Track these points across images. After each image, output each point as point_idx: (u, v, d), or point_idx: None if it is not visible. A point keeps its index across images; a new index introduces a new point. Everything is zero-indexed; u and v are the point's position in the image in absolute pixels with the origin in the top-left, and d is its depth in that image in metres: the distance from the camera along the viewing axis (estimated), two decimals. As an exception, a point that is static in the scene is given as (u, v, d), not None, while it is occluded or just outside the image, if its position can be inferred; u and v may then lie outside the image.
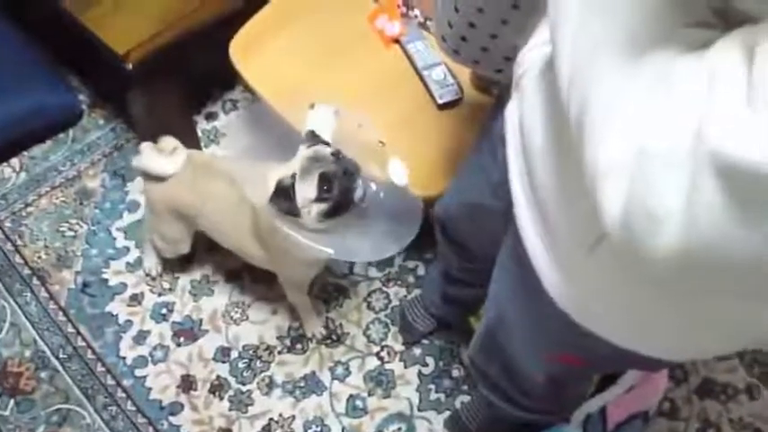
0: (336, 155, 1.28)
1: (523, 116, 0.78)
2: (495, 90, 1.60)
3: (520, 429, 1.31)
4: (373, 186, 1.34)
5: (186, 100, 1.95)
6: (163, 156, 1.52)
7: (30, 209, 1.87)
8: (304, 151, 1.29)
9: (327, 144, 1.32)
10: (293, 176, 1.25)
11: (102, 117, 2.04)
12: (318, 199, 1.25)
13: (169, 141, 1.53)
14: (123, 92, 1.79)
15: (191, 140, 1.84)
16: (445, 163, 1.54)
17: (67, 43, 1.86)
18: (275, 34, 1.69)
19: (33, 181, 1.92)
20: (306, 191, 1.25)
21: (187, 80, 1.85)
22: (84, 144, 1.99)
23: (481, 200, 1.08)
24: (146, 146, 1.52)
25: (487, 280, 1.53)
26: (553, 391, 1.10)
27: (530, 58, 0.79)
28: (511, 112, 0.83)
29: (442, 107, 1.60)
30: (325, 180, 1.24)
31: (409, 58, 1.67)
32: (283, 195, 1.24)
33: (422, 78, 1.63)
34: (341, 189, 1.25)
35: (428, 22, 1.71)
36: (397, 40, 1.69)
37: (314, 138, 1.33)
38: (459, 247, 1.35)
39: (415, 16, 1.72)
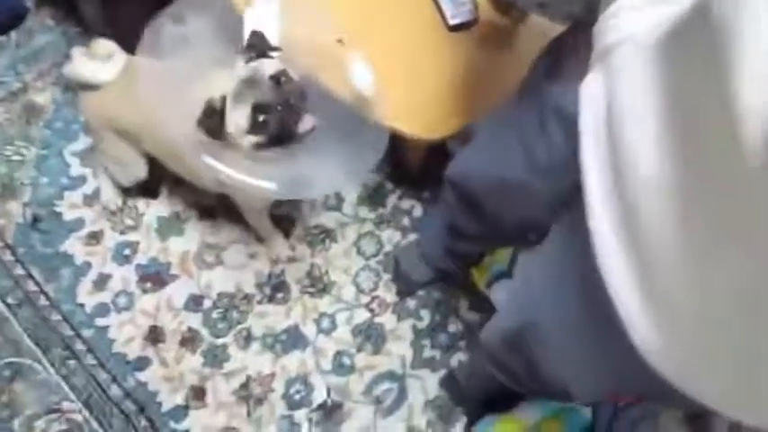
0: (277, 79, 1.07)
1: (617, 100, 0.56)
2: (515, 12, 1.36)
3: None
4: (328, 105, 1.13)
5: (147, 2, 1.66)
6: (96, 61, 1.30)
7: (-33, 127, 1.61)
8: (240, 68, 1.09)
9: (270, 55, 1.11)
10: (223, 99, 1.06)
11: (50, 17, 1.74)
12: (251, 131, 1.07)
13: (104, 45, 1.32)
14: (73, -9, 1.50)
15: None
16: (454, 98, 1.32)
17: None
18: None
19: (-30, 93, 1.65)
20: (237, 118, 1.06)
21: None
22: (29, 50, 1.70)
23: (518, 178, 0.89)
24: (76, 51, 1.32)
25: (501, 240, 1.36)
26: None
27: (629, 22, 0.56)
28: (592, 90, 0.61)
29: (454, 29, 1.36)
30: (259, 111, 1.06)
31: (416, -33, 1.40)
32: (211, 119, 1.05)
33: (432, -5, 1.38)
34: (278, 122, 1.06)
35: None
36: (401, -56, 1.41)
37: (257, 46, 1.11)
38: (476, 212, 1.16)
39: None
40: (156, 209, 1.57)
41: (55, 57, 1.69)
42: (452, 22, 1.35)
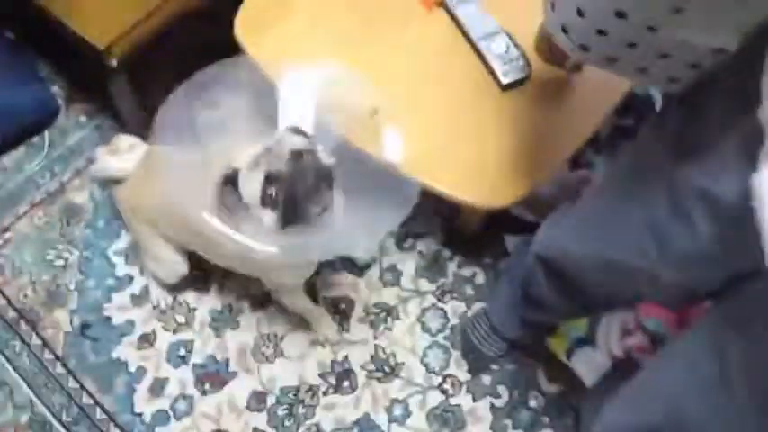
0: (298, 153, 0.99)
1: None
2: (568, 62, 1.27)
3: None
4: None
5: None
6: (120, 156, 1.31)
7: (7, 234, 1.56)
8: (261, 141, 1.04)
9: (304, 134, 1.05)
10: (234, 171, 1.02)
11: (82, 113, 1.70)
12: (262, 203, 1.00)
13: (123, 139, 1.34)
14: (106, 85, 1.45)
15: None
16: (515, 162, 1.23)
17: (32, 29, 1.51)
18: (289, 4, 1.35)
19: (8, 199, 1.60)
20: (250, 186, 1.00)
21: (182, 66, 1.50)
22: (64, 148, 1.66)
23: (641, 265, 0.79)
24: (99, 150, 1.34)
25: (589, 313, 1.25)
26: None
27: None
28: None
29: (507, 87, 1.28)
30: (270, 182, 0.99)
31: (459, 25, 1.33)
32: (229, 187, 1.01)
33: (478, 52, 1.30)
34: (289, 198, 0.98)
35: (478, -22, 1.35)
36: (441, 3, 1.34)
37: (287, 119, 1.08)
38: (570, 291, 1.07)
39: (462, -29, 1.36)
40: (207, 303, 1.49)
41: (90, 153, 1.64)
42: (505, 80, 1.26)
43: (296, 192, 0.98)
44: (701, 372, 0.72)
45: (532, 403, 1.42)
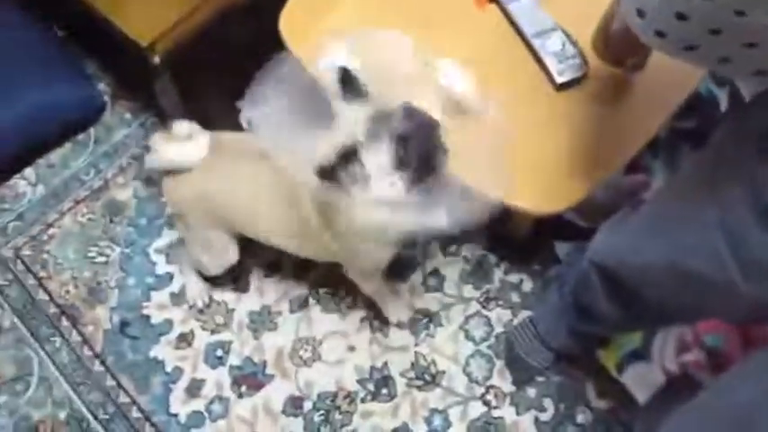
0: (408, 109, 0.96)
1: None
2: (629, 62, 1.21)
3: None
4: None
5: (226, 84, 1.59)
6: (178, 143, 1.22)
7: (51, 231, 1.56)
8: (359, 110, 0.97)
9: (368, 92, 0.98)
10: (357, 142, 0.95)
11: (127, 110, 1.70)
12: (397, 167, 0.95)
13: (183, 126, 1.23)
14: (151, 82, 1.44)
15: (235, 131, 1.50)
16: (571, 165, 1.17)
17: (79, 27, 1.51)
18: (334, 2, 1.31)
19: (53, 195, 1.60)
20: (376, 157, 0.95)
21: (225, 62, 1.50)
22: (109, 145, 1.66)
23: (716, 274, 0.74)
24: (156, 137, 1.24)
25: (644, 327, 1.18)
26: None
27: None
28: None
29: (562, 87, 1.21)
30: (401, 142, 0.94)
31: (512, 22, 1.27)
32: (344, 167, 0.94)
33: (531, 49, 1.24)
34: (420, 154, 0.95)
35: (532, -28, 1.29)
36: (494, 0, 1.29)
37: (348, 79, 0.99)
38: (627, 301, 1.01)
39: (515, -35, 1.30)
40: (246, 304, 1.47)
41: (134, 150, 1.64)
42: (560, 79, 1.20)
43: (427, 144, 0.96)
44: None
45: (580, 419, 1.35)
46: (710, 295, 0.81)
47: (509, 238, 1.50)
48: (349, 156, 0.94)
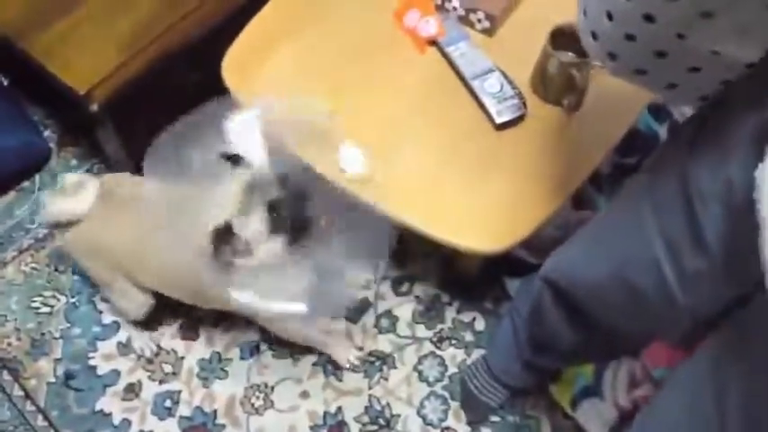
0: (283, 177, 1.01)
1: None
2: (566, 101, 1.23)
3: None
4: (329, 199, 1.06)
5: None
6: (69, 196, 1.25)
7: (-6, 281, 1.52)
8: (237, 180, 1.00)
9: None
10: (226, 222, 0.97)
11: (73, 156, 1.68)
12: (272, 231, 0.98)
13: (70, 178, 1.29)
14: (92, 129, 1.43)
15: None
16: (514, 204, 1.18)
17: (23, 74, 1.49)
18: (278, 44, 1.32)
19: (-4, 245, 1.57)
20: (253, 225, 0.98)
21: (169, 106, 1.48)
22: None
23: (654, 287, 0.77)
24: (45, 195, 1.32)
25: (597, 354, 1.19)
26: None
27: None
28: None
29: (501, 127, 1.23)
30: (274, 209, 0.99)
31: (452, 64, 1.28)
32: (227, 241, 0.97)
33: (471, 91, 1.25)
34: (294, 213, 1.00)
35: (471, 16, 1.32)
36: (433, 42, 1.31)
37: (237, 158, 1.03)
38: (580, 319, 1.01)
39: (454, 8, 1.32)
40: (195, 351, 1.44)
41: (80, 196, 1.61)
42: (499, 119, 1.22)
43: (300, 205, 1.00)
44: (699, 408, 0.68)
45: (536, 457, 1.34)
46: (654, 312, 0.82)
47: (460, 277, 1.50)
48: (226, 233, 0.96)
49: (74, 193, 1.24)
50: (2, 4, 1.31)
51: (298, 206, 1.00)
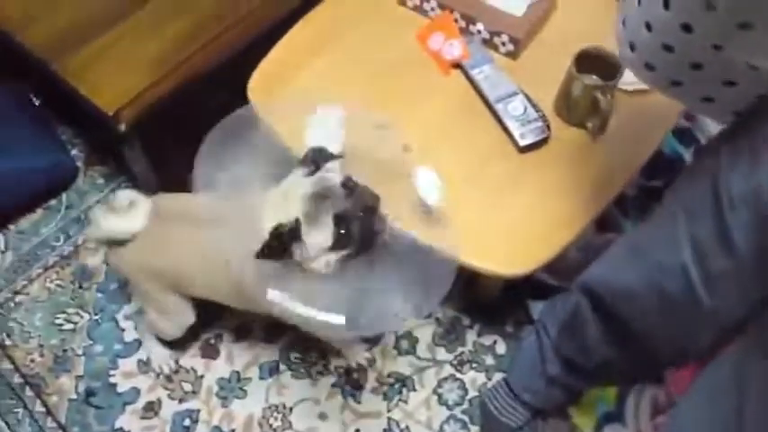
0: (348, 185, 0.97)
1: None
2: (590, 124, 1.23)
3: None
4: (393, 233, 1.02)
5: (197, 148, 1.60)
6: (119, 214, 1.22)
7: (19, 298, 1.54)
8: (304, 183, 0.98)
9: (333, 157, 1.02)
10: (297, 221, 0.94)
11: (100, 175, 1.70)
12: (336, 247, 0.96)
13: (123, 195, 1.24)
14: (120, 149, 1.45)
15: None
16: (535, 227, 1.17)
17: (53, 95, 1.52)
18: (302, 68, 1.34)
19: (22, 261, 1.58)
20: (317, 238, 0.95)
21: (196, 126, 1.50)
22: (80, 210, 1.65)
23: (682, 293, 0.79)
24: (96, 210, 1.25)
25: (633, 371, 1.18)
26: None
27: None
28: None
29: (525, 150, 1.23)
30: (341, 223, 0.95)
31: (475, 87, 1.29)
32: (282, 245, 0.93)
33: (495, 113, 1.26)
34: (362, 231, 0.96)
35: (495, 39, 1.33)
36: (457, 65, 1.32)
37: (316, 159, 1.01)
38: (616, 328, 1.02)
39: (478, 32, 1.34)
40: (215, 370, 1.44)
41: (106, 214, 1.63)
42: (523, 142, 1.22)
43: (368, 220, 0.97)
44: (719, 411, 0.67)
45: (558, 484, 1.32)
46: (683, 316, 0.83)
47: (481, 300, 1.49)
48: (293, 234, 0.94)
49: (126, 211, 1.22)
50: (36, 28, 1.34)
51: (365, 221, 0.97)
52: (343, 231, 0.95)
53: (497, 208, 1.19)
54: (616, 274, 1.01)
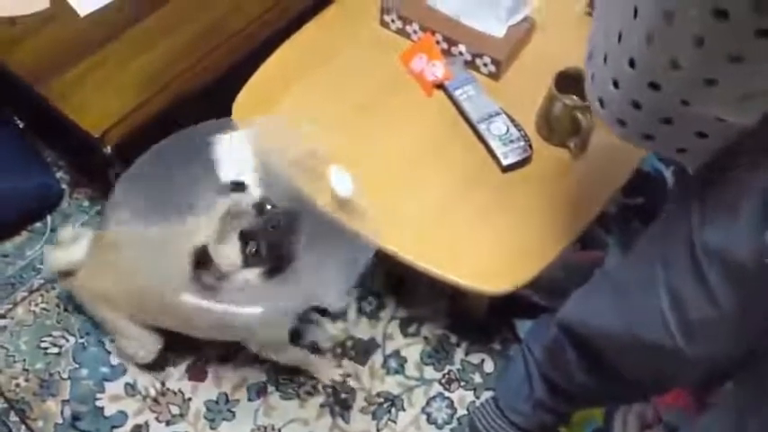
0: (260, 206, 1.04)
1: None
2: (571, 143, 1.24)
3: None
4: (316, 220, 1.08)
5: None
6: (65, 248, 1.33)
7: (3, 321, 1.53)
8: (219, 205, 1.05)
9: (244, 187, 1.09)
10: (203, 246, 1.01)
11: (86, 197, 1.70)
12: (245, 264, 1.02)
13: (66, 231, 1.38)
14: (105, 171, 1.45)
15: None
16: (520, 245, 1.18)
17: (38, 117, 1.53)
18: (287, 89, 1.35)
19: (7, 285, 1.58)
20: (227, 254, 1.01)
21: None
22: (66, 233, 1.65)
23: (660, 339, 0.78)
24: (46, 250, 1.39)
25: (615, 398, 1.19)
26: None
27: None
28: None
29: (508, 169, 1.24)
30: (247, 240, 1.02)
31: (458, 107, 1.31)
32: (205, 267, 1.00)
33: (477, 133, 1.28)
34: (270, 248, 1.01)
35: (476, 60, 1.35)
36: (440, 86, 1.33)
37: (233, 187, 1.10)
38: (597, 365, 1.02)
39: (461, 53, 1.35)
40: (202, 392, 1.43)
41: (92, 237, 1.63)
42: (505, 161, 1.23)
43: (275, 239, 1.02)
44: None
45: (546, 503, 1.31)
46: (663, 361, 0.82)
47: (468, 318, 1.49)
48: (202, 256, 0.99)
49: (69, 244, 1.32)
50: (21, 51, 1.35)
51: (275, 238, 1.02)
52: (254, 250, 1.00)
53: (481, 226, 1.20)
54: (593, 314, 1.02)
